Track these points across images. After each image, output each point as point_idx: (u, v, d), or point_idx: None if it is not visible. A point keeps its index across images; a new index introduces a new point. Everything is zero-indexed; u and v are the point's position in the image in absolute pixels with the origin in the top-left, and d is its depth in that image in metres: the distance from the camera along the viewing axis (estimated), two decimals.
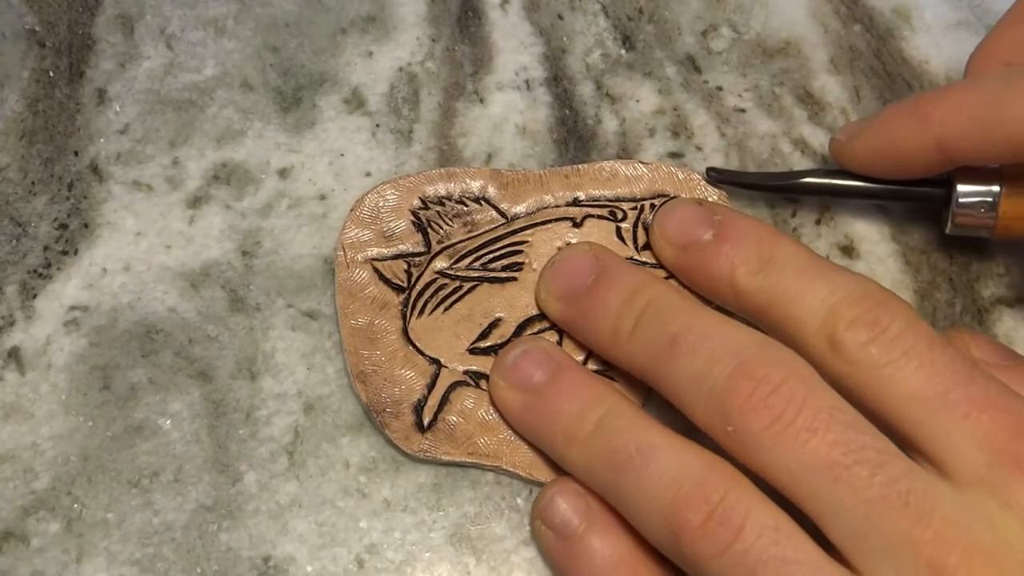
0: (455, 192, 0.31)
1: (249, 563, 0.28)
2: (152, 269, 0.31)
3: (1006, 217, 0.28)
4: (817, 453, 0.23)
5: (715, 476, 0.24)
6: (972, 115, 0.27)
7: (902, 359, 0.24)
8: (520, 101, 0.33)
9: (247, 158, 0.32)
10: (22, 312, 0.30)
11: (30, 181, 0.32)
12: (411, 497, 0.29)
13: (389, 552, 0.28)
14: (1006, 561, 0.22)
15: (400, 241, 0.30)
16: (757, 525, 0.23)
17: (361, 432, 0.29)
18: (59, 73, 0.33)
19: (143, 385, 0.30)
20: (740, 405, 0.24)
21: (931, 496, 0.22)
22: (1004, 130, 0.26)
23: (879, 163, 0.29)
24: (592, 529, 0.26)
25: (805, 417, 0.23)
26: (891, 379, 0.24)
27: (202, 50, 0.33)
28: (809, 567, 0.22)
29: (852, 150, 0.30)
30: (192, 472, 0.29)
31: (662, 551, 0.24)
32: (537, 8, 0.34)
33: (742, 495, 0.23)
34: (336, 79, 0.33)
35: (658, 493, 0.24)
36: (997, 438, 0.23)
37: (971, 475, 0.23)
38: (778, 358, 0.24)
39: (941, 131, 0.27)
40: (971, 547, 0.22)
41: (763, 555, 0.22)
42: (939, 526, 0.22)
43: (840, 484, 0.23)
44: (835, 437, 0.23)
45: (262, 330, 0.30)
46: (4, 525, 0.28)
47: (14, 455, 0.29)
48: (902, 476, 0.23)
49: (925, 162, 0.28)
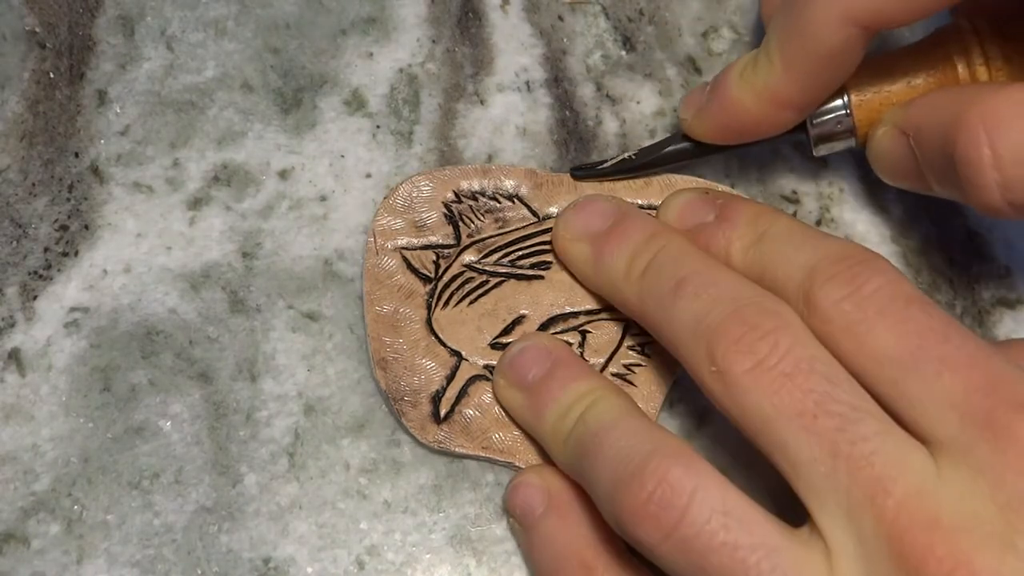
0: (489, 188, 0.31)
1: (249, 564, 0.28)
2: (152, 270, 0.31)
3: (863, 124, 0.29)
4: (791, 399, 0.22)
5: (660, 457, 0.23)
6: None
7: (875, 317, 0.23)
8: (520, 103, 0.33)
9: (247, 159, 0.32)
10: (22, 313, 0.30)
11: (30, 183, 0.32)
12: (412, 499, 0.29)
13: (389, 553, 0.28)
14: (973, 534, 0.21)
15: (431, 232, 0.30)
16: (704, 508, 0.22)
17: (361, 434, 0.29)
18: (59, 74, 0.33)
19: (143, 386, 0.30)
20: (727, 346, 0.23)
21: (899, 460, 0.22)
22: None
23: (732, 136, 0.29)
24: (551, 513, 0.26)
25: (785, 363, 0.23)
26: (864, 337, 0.23)
27: (203, 51, 0.33)
28: (763, 551, 0.22)
29: (699, 128, 0.30)
30: (192, 473, 0.29)
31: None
32: (538, 9, 0.34)
33: (688, 476, 0.22)
34: (336, 80, 0.33)
35: (604, 476, 0.24)
36: (971, 399, 0.22)
37: (943, 438, 0.22)
38: (774, 310, 0.24)
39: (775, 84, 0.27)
40: (936, 519, 0.21)
41: (712, 541, 0.22)
42: (903, 494, 0.21)
43: (807, 434, 0.22)
44: (810, 386, 0.22)
45: (262, 331, 0.30)
46: (4, 527, 0.28)
47: (14, 456, 0.29)
48: (871, 436, 0.22)
49: (774, 126, 0.28)
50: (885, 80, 0.28)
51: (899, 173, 0.28)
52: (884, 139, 0.28)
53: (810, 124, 0.29)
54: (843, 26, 0.25)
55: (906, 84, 0.28)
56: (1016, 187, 0.24)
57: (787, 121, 0.28)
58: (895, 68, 0.28)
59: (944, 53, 0.28)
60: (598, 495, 0.24)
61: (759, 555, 0.22)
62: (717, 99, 0.29)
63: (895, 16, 0.25)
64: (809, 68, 0.27)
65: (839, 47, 0.26)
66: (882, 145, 0.28)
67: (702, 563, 0.22)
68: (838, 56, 0.26)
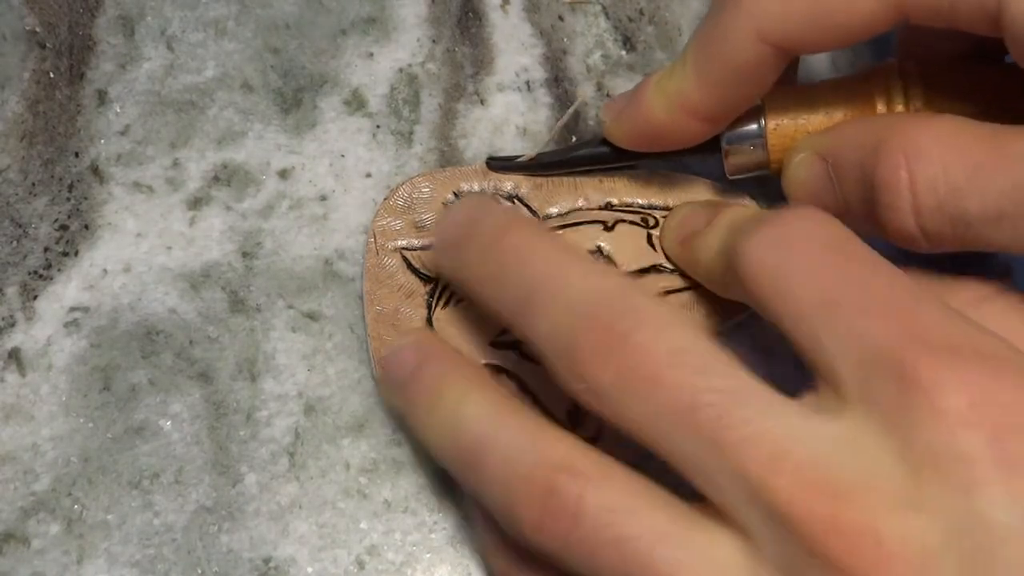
0: (488, 189, 0.31)
1: (250, 564, 0.28)
2: (153, 270, 0.31)
3: (776, 150, 0.28)
4: (664, 400, 0.21)
5: (543, 467, 0.22)
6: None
7: (796, 269, 0.22)
8: (521, 102, 0.33)
9: (248, 159, 0.32)
10: (23, 313, 0.30)
11: (30, 182, 0.32)
12: (412, 498, 0.29)
13: (390, 553, 0.28)
14: (879, 497, 0.19)
15: (431, 232, 0.30)
16: (592, 508, 0.21)
17: (362, 433, 0.29)
18: (59, 74, 0.33)
19: (143, 386, 0.30)
20: (585, 360, 0.22)
21: (789, 434, 0.20)
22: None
23: (645, 143, 0.29)
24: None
25: (648, 365, 0.21)
26: (786, 292, 0.22)
27: (203, 51, 0.33)
28: (649, 539, 0.21)
29: (616, 132, 0.29)
30: (193, 473, 0.29)
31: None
32: (538, 9, 0.34)
33: (572, 481, 0.22)
34: (337, 80, 0.33)
35: (493, 494, 0.23)
36: (883, 347, 0.20)
37: (851, 393, 0.20)
38: (630, 305, 0.22)
39: (683, 100, 0.27)
40: (835, 487, 0.19)
41: (601, 538, 0.21)
42: (795, 468, 0.20)
43: (689, 431, 0.21)
44: (679, 382, 0.21)
45: (263, 331, 0.30)
46: (4, 526, 0.28)
47: (14, 456, 0.29)
48: (753, 416, 0.20)
49: (684, 136, 0.28)
50: (804, 109, 0.28)
51: (814, 201, 0.27)
52: (801, 165, 0.27)
53: (724, 144, 0.29)
54: (756, 42, 0.25)
55: (824, 115, 0.28)
56: (928, 214, 0.24)
57: (697, 132, 0.28)
58: (816, 99, 0.28)
59: (867, 89, 0.28)
60: (493, 511, 0.23)
61: (646, 544, 0.21)
62: (634, 104, 0.28)
63: (806, 41, 0.25)
64: (720, 79, 0.26)
65: (751, 63, 0.26)
66: (799, 171, 0.28)
67: (598, 562, 0.21)
68: (750, 71, 0.26)
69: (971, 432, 0.19)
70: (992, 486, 0.18)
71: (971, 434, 0.19)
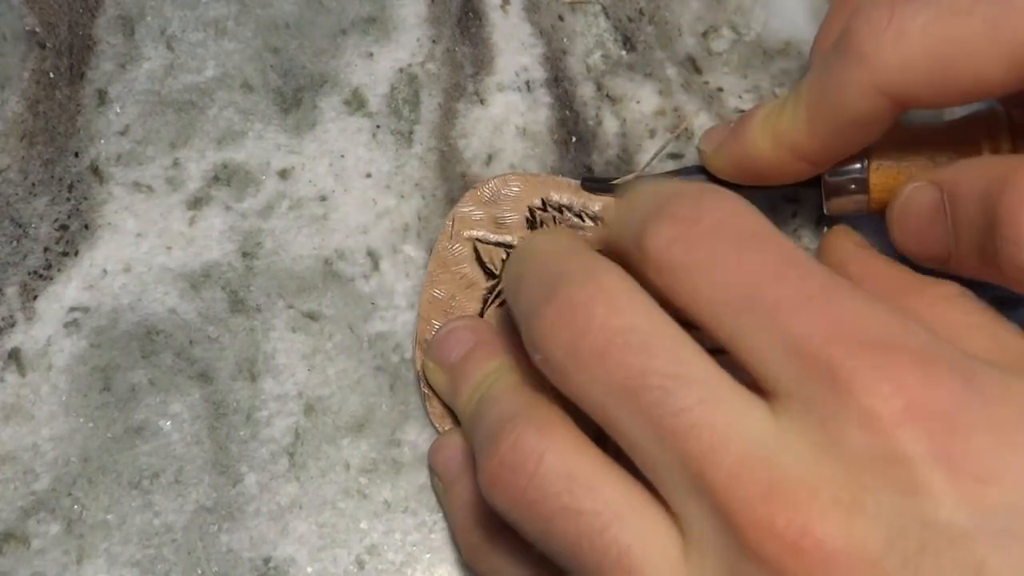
0: (576, 205, 0.31)
1: (250, 564, 0.28)
2: (152, 270, 0.31)
3: (877, 190, 0.28)
4: (610, 377, 0.20)
5: (517, 420, 0.22)
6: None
7: (707, 260, 0.21)
8: (521, 102, 0.33)
9: (247, 159, 0.32)
10: (22, 313, 0.30)
11: (30, 182, 0.32)
12: (412, 498, 0.29)
13: (390, 553, 0.28)
14: (817, 498, 0.19)
15: (508, 231, 0.31)
16: (551, 472, 0.21)
17: (362, 433, 0.29)
18: (59, 74, 0.33)
19: (143, 386, 0.30)
20: (544, 332, 0.21)
21: (728, 427, 0.19)
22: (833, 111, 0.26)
23: (746, 177, 0.29)
24: (468, 470, 0.26)
25: (595, 341, 0.21)
26: (699, 284, 0.21)
27: (203, 51, 0.33)
28: (604, 518, 0.20)
29: (716, 163, 0.29)
30: (192, 473, 0.29)
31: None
32: (538, 9, 0.34)
33: (540, 439, 0.21)
34: (336, 80, 0.33)
35: (476, 445, 0.23)
36: (810, 343, 0.19)
37: (782, 391, 0.20)
38: (589, 279, 0.22)
39: (795, 138, 0.27)
40: (772, 487, 0.19)
41: (555, 505, 0.21)
42: (733, 463, 0.19)
43: (632, 412, 0.20)
44: (626, 360, 0.20)
45: (263, 331, 0.30)
46: (4, 526, 0.28)
47: (14, 456, 0.29)
48: (694, 405, 0.20)
49: (787, 174, 0.28)
50: (909, 152, 0.28)
51: (923, 233, 0.27)
52: (915, 193, 0.27)
53: (825, 179, 0.29)
54: (874, 95, 0.25)
55: (929, 159, 0.28)
56: None
57: (801, 172, 0.28)
58: (920, 141, 0.28)
59: (972, 133, 0.28)
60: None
61: (601, 521, 0.20)
62: (738, 138, 0.28)
63: (926, 99, 0.25)
64: (833, 128, 0.26)
65: (867, 114, 0.25)
66: (911, 200, 0.27)
67: (547, 528, 0.21)
68: (864, 123, 0.26)
69: (909, 434, 0.18)
70: (936, 487, 0.18)
71: (909, 436, 0.18)
